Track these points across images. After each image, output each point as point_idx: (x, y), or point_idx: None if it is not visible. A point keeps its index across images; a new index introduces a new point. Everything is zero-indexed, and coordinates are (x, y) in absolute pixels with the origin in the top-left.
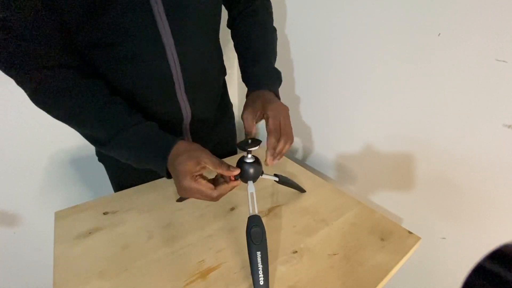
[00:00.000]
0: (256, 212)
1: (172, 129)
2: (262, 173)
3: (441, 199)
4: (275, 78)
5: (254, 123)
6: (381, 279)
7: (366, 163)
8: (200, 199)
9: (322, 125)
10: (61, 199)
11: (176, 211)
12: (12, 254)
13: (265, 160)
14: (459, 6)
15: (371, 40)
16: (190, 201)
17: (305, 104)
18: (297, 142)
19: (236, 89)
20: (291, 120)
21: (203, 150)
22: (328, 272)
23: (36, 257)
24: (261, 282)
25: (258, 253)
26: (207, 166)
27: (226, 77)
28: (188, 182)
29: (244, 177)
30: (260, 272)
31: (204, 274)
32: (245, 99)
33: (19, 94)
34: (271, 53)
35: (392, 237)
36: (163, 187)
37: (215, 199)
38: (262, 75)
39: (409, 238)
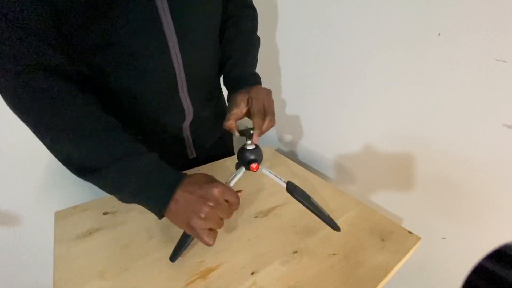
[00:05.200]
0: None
1: (173, 127)
2: (262, 158)
3: (441, 199)
4: (254, 81)
5: (235, 117)
6: (381, 279)
7: (366, 163)
8: (217, 213)
9: (322, 125)
10: (61, 199)
11: None
12: (12, 254)
13: (251, 138)
14: (459, 6)
15: (371, 40)
16: None
17: (305, 104)
18: (298, 142)
19: None
20: (291, 120)
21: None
22: (328, 272)
23: (36, 257)
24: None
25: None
26: None
27: None
28: (217, 184)
29: (245, 162)
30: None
31: (204, 274)
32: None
33: None
34: (252, 60)
35: (392, 237)
36: None
37: (234, 207)
38: (242, 77)
39: (409, 238)
